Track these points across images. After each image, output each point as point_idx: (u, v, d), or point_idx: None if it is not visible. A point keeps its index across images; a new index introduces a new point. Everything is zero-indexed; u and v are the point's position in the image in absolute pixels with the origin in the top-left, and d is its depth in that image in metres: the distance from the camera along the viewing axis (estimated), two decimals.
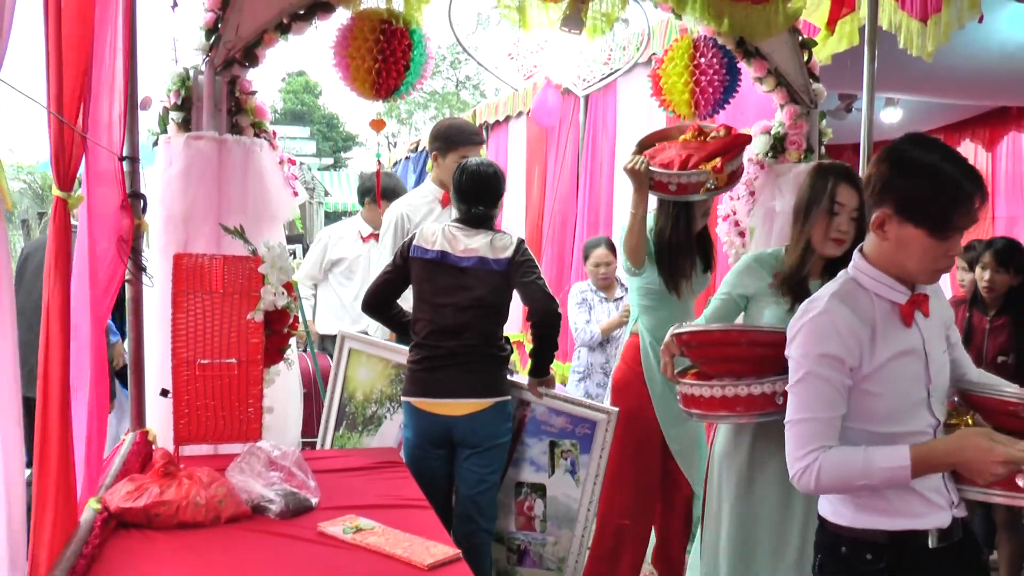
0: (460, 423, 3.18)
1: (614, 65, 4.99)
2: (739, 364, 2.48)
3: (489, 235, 3.23)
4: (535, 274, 3.18)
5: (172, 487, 2.27)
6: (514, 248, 3.20)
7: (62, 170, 1.76)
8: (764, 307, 2.80)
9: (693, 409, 2.60)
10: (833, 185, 2.62)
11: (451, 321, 3.18)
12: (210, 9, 3.06)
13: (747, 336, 2.50)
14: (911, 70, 4.21)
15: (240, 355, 2.63)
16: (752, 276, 2.84)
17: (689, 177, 3.28)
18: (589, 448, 3.31)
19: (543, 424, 3.36)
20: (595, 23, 3.50)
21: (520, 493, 3.40)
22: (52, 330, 1.71)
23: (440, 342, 3.19)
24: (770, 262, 2.85)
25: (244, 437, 2.67)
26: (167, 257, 2.80)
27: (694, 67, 3.67)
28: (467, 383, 3.18)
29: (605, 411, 3.32)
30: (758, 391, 2.43)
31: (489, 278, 3.18)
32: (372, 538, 2.17)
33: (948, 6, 3.34)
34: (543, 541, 3.37)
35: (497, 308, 3.24)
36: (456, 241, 3.22)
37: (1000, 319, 3.84)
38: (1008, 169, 7.00)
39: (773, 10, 3.55)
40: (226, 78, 3.10)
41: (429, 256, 3.22)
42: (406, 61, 3.27)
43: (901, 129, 6.94)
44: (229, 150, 3.04)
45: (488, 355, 3.22)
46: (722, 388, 2.48)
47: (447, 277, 3.20)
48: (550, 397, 3.35)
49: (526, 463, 3.39)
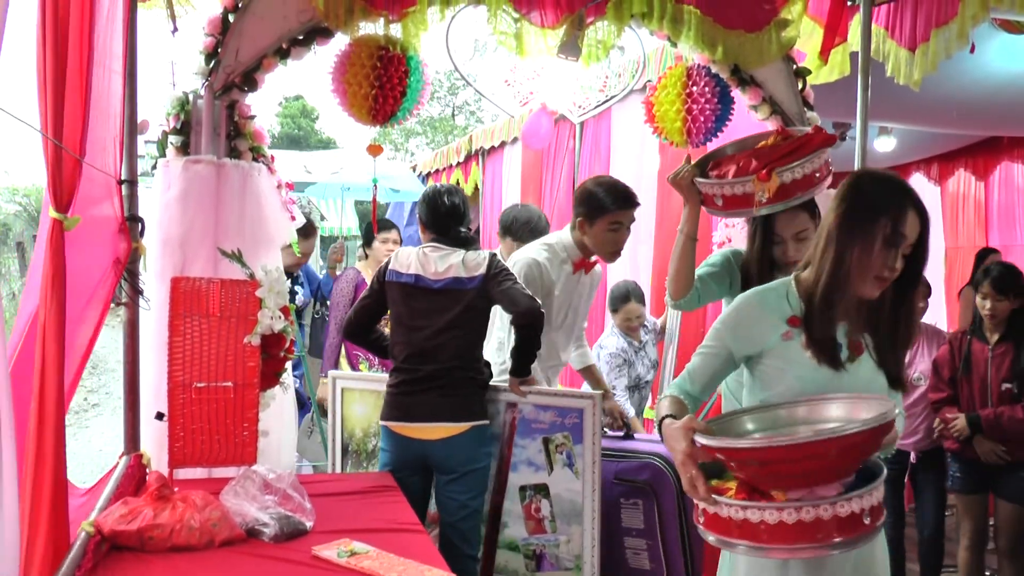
0: (436, 447, 3.17)
1: (609, 92, 5.02)
2: (801, 479, 1.76)
3: (461, 254, 3.23)
4: (512, 280, 3.17)
5: (166, 510, 2.26)
6: (487, 263, 3.20)
7: (58, 191, 1.77)
8: (781, 369, 2.04)
9: (738, 539, 1.78)
10: (901, 206, 1.90)
11: (427, 344, 3.18)
12: (210, 34, 3.10)
13: (837, 444, 1.68)
14: (904, 99, 4.25)
15: (236, 379, 2.63)
16: (759, 326, 2.06)
17: (733, 187, 2.82)
18: (581, 437, 3.27)
19: (533, 423, 3.34)
20: (591, 50, 3.53)
21: (525, 497, 3.37)
22: (48, 350, 1.71)
23: (417, 365, 3.19)
24: (779, 304, 2.06)
25: (239, 460, 2.66)
26: (164, 280, 2.81)
27: (687, 95, 3.70)
28: (443, 407, 3.17)
29: (589, 396, 3.30)
30: (845, 510, 1.72)
31: (464, 298, 3.18)
32: (367, 562, 2.17)
33: (936, 36, 3.39)
34: (556, 541, 3.33)
35: (474, 329, 3.23)
36: (429, 263, 3.24)
37: (1002, 346, 3.85)
38: (1001, 199, 7.04)
39: (767, 39, 3.59)
40: (225, 102, 3.12)
41: (404, 280, 3.24)
42: (403, 87, 3.30)
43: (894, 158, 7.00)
44: (227, 174, 3.06)
45: (465, 378, 3.21)
46: (797, 511, 1.71)
47: (422, 300, 3.21)
48: (534, 394, 3.33)
49: (524, 465, 3.37)
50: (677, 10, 3.45)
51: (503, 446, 3.38)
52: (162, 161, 3.09)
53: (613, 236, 3.37)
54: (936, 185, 7.49)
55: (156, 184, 3.08)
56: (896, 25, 3.64)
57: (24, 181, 19.64)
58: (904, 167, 7.51)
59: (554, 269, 3.44)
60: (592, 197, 3.37)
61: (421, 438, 3.18)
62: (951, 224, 7.50)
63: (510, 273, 3.20)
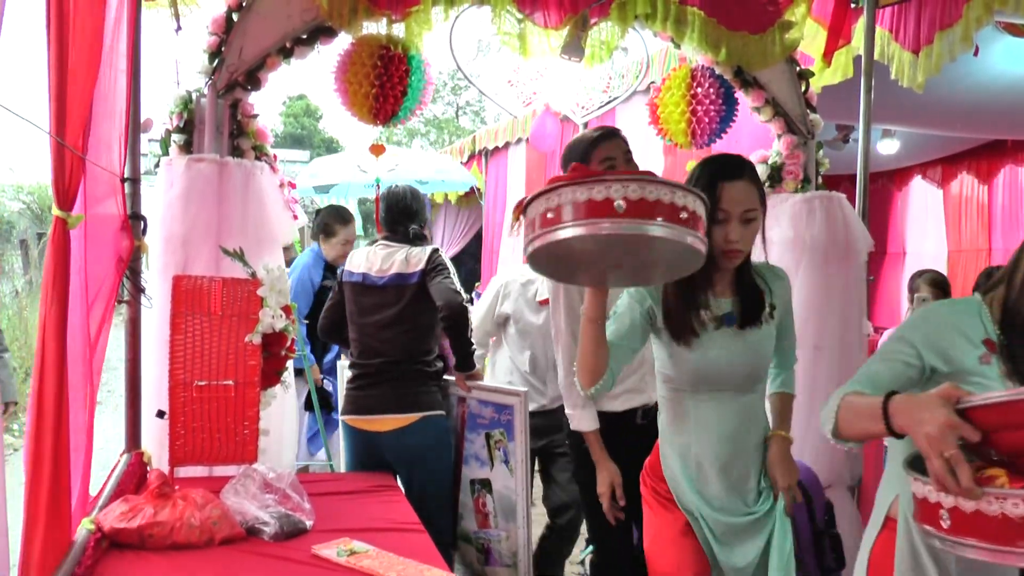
0: (387, 438, 3.26)
1: (613, 93, 5.02)
2: None
3: (405, 251, 3.36)
4: (443, 275, 3.28)
5: (166, 508, 2.27)
6: (427, 259, 3.32)
7: (62, 189, 1.77)
8: None
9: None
10: None
11: (376, 339, 3.32)
12: (214, 33, 3.10)
13: None
14: (907, 102, 4.25)
15: (237, 377, 2.63)
16: (956, 342, 1.77)
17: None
18: (513, 435, 3.30)
19: (477, 417, 3.40)
20: (595, 51, 3.52)
21: (474, 491, 3.43)
22: (48, 349, 1.72)
23: (368, 360, 3.33)
24: (972, 323, 1.80)
25: (240, 459, 2.66)
26: (166, 278, 2.81)
27: (691, 97, 3.70)
28: (392, 399, 3.28)
29: (516, 393, 3.32)
30: None
31: (405, 293, 3.30)
32: (366, 561, 2.17)
33: (940, 39, 3.38)
34: (498, 537, 3.36)
35: (419, 323, 3.32)
36: (375, 261, 3.38)
37: None
38: (1004, 201, 7.03)
39: (771, 40, 3.59)
40: (228, 101, 3.12)
41: (354, 279, 3.42)
42: (403, 86, 3.29)
43: (897, 160, 7.00)
44: (230, 173, 3.06)
45: (412, 371, 3.30)
46: None
47: (369, 297, 3.36)
48: (476, 389, 3.40)
49: (473, 459, 3.42)
50: (681, 11, 3.45)
51: (457, 440, 3.46)
52: (165, 159, 3.09)
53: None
54: (939, 188, 7.48)
55: (159, 182, 3.08)
56: (900, 28, 3.64)
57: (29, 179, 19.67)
58: (907, 170, 7.51)
59: None
60: (573, 145, 2.81)
61: (374, 430, 3.28)
62: (954, 227, 7.49)
63: (445, 268, 3.31)
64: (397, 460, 3.30)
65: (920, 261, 7.36)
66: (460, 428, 3.45)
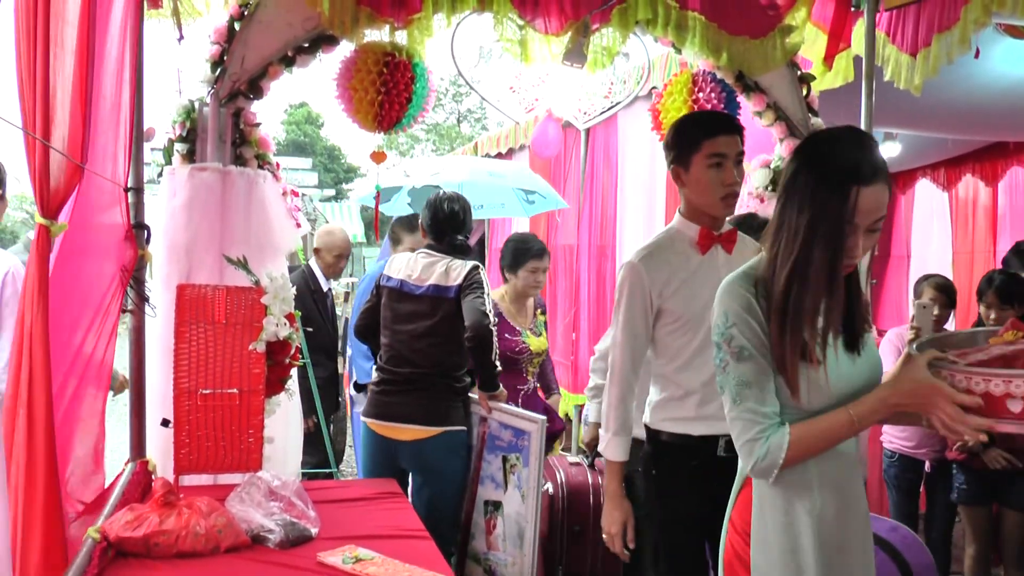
0: (405, 448, 3.27)
1: (615, 98, 5.02)
2: None
3: (446, 262, 3.32)
4: (476, 293, 3.23)
5: (171, 516, 2.27)
6: (465, 274, 3.29)
7: (46, 197, 1.75)
8: None
9: None
10: None
11: (407, 348, 3.30)
12: (216, 42, 3.11)
13: None
14: (908, 105, 4.24)
15: (242, 385, 2.64)
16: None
17: None
18: (528, 460, 3.25)
19: (496, 439, 3.36)
20: (596, 57, 3.53)
21: (487, 511, 3.40)
22: (35, 356, 1.70)
23: (397, 367, 3.32)
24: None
25: (244, 467, 2.67)
26: (170, 287, 2.82)
27: (693, 101, 3.70)
28: (416, 410, 3.27)
29: (535, 419, 3.26)
30: None
31: (442, 306, 3.27)
32: (372, 568, 2.17)
33: (938, 41, 3.37)
34: (505, 562, 3.32)
35: (452, 338, 3.29)
36: (415, 269, 3.34)
37: None
38: (1010, 203, 7.01)
39: (771, 44, 3.59)
40: (231, 110, 3.13)
41: (391, 284, 3.39)
42: (408, 94, 3.30)
43: (900, 163, 6.98)
44: (233, 181, 3.06)
45: (441, 385, 3.30)
46: None
47: (406, 304, 3.33)
48: (497, 411, 3.36)
49: (489, 480, 3.39)
50: (682, 16, 3.46)
51: (476, 458, 3.42)
52: (168, 169, 3.10)
53: (716, 173, 2.45)
54: (944, 191, 7.46)
55: (162, 191, 3.09)
56: (898, 30, 3.63)
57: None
58: (910, 172, 7.49)
59: (666, 264, 2.50)
60: (679, 130, 2.56)
61: (394, 438, 3.28)
62: (960, 230, 7.47)
63: (480, 287, 3.25)
64: (412, 467, 3.33)
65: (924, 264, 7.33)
66: (480, 447, 3.42)
